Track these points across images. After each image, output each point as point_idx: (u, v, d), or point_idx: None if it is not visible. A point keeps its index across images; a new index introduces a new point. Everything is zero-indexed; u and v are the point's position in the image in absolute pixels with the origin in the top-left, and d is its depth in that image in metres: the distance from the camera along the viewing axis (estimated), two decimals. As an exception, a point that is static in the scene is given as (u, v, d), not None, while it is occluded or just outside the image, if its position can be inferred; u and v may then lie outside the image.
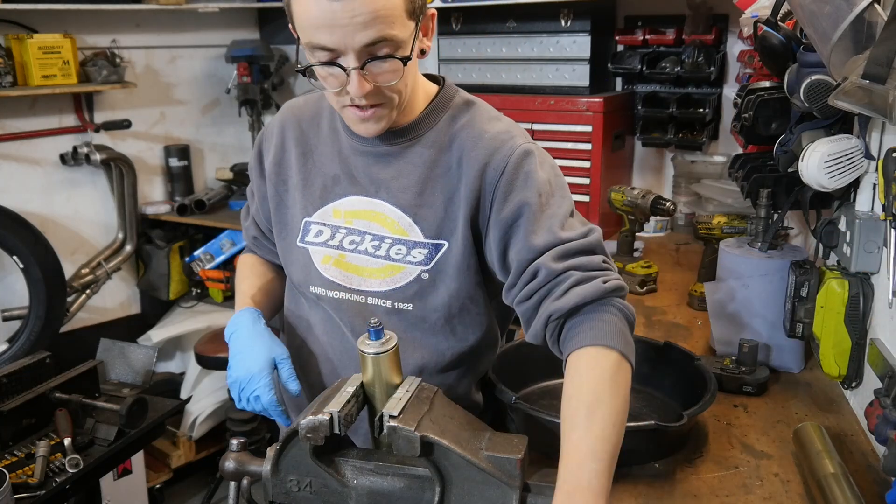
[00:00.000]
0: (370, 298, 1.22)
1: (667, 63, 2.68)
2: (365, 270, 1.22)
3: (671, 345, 1.51)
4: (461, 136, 1.17)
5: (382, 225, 1.20)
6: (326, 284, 1.25)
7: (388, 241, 1.20)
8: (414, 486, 0.99)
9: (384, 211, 1.19)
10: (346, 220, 1.22)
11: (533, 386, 1.49)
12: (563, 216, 1.13)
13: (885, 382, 1.17)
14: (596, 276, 1.10)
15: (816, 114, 1.41)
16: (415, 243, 1.18)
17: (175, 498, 3.28)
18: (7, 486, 1.56)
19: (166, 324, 3.37)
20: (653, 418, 1.23)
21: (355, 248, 1.22)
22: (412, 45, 1.07)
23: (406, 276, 1.19)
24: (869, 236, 1.30)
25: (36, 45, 2.79)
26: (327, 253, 1.24)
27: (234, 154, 3.77)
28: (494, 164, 1.14)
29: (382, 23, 1.00)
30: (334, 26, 0.99)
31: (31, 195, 3.02)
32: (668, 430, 1.22)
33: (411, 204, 1.18)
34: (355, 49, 1.02)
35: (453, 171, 1.17)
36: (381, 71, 1.05)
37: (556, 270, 1.09)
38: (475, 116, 1.20)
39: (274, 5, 3.59)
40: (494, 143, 1.15)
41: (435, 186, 1.17)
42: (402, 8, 1.02)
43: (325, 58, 1.04)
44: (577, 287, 1.08)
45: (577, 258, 1.11)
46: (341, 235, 1.23)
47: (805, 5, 1.14)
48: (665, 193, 2.85)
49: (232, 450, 1.06)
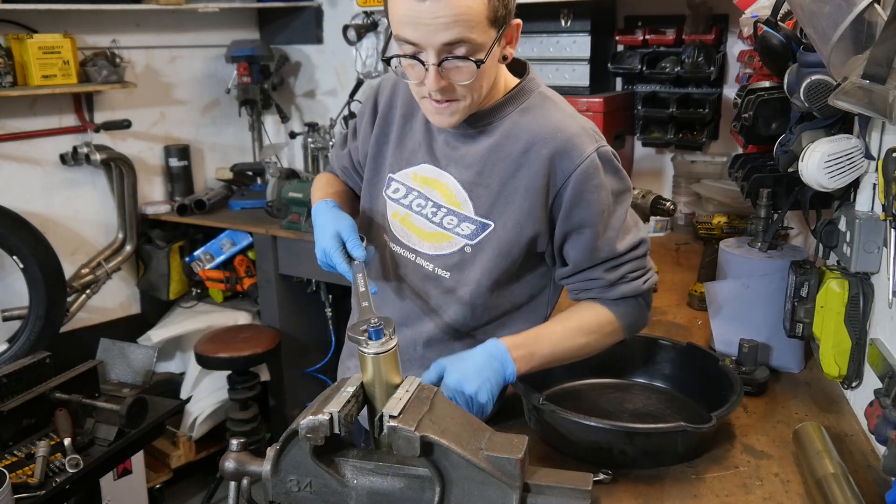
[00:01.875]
0: (419, 258, 1.34)
1: (667, 63, 2.68)
2: (421, 232, 1.34)
3: (694, 346, 1.51)
4: (531, 128, 1.26)
5: (443, 195, 1.32)
6: (391, 237, 1.38)
7: (444, 210, 1.31)
8: (414, 486, 0.99)
9: (447, 182, 1.31)
10: (420, 183, 1.34)
11: (556, 387, 1.49)
12: (619, 228, 1.27)
13: (885, 382, 1.17)
14: (639, 275, 1.30)
15: (816, 114, 1.41)
16: (465, 217, 1.29)
17: (175, 498, 3.28)
18: (7, 486, 1.56)
19: (166, 324, 3.37)
20: (678, 420, 1.24)
21: (420, 210, 1.34)
22: (490, 50, 1.15)
23: (452, 245, 1.31)
24: (869, 236, 1.30)
25: (36, 45, 2.79)
26: (397, 209, 1.37)
27: (234, 154, 3.77)
28: (563, 166, 1.23)
29: (462, 26, 1.10)
30: (418, 24, 1.10)
31: (31, 195, 3.02)
32: (696, 431, 1.21)
33: (469, 181, 1.29)
34: (435, 47, 1.12)
35: (516, 160, 1.25)
36: (457, 70, 1.15)
37: (610, 280, 1.29)
38: (549, 111, 1.28)
39: (274, 5, 3.59)
40: (565, 145, 1.23)
41: (493, 170, 1.27)
42: (483, 15, 1.11)
43: (408, 51, 1.15)
44: (623, 286, 1.29)
45: (628, 265, 1.29)
46: (412, 197, 1.35)
47: (805, 5, 1.14)
48: (665, 193, 2.85)
49: (232, 450, 1.06)
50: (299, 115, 3.80)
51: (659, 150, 2.92)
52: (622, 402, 1.45)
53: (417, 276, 1.35)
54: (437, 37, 1.10)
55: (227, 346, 2.99)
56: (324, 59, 3.66)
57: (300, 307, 3.30)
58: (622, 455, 1.23)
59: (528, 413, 1.36)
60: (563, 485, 0.97)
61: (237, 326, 3.24)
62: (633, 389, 1.51)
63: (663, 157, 2.92)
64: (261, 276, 3.24)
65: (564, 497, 0.96)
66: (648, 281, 1.31)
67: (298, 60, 3.74)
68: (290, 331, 3.26)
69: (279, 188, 3.19)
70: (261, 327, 3.24)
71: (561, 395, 1.48)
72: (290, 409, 3.31)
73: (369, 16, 3.24)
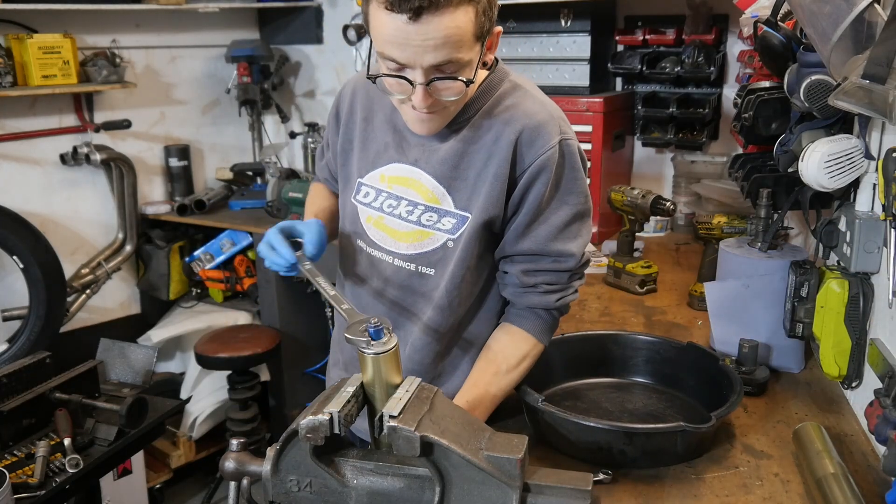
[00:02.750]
0: (397, 260, 1.32)
1: (667, 63, 2.68)
2: (397, 233, 1.32)
3: (694, 346, 1.51)
4: (503, 116, 1.25)
5: (418, 192, 1.29)
6: (367, 241, 1.36)
7: (420, 208, 1.29)
8: (414, 486, 0.99)
9: (421, 179, 1.29)
10: (388, 184, 1.32)
11: (556, 387, 1.49)
12: (557, 227, 1.26)
13: (885, 382, 1.17)
14: (555, 290, 1.29)
15: (816, 114, 1.41)
16: (445, 212, 1.28)
17: (175, 498, 3.28)
18: (7, 486, 1.56)
19: (166, 324, 3.37)
20: (678, 420, 1.24)
21: (392, 210, 1.31)
22: (476, 66, 1.15)
23: (434, 241, 1.29)
24: (869, 236, 1.30)
25: (36, 45, 2.79)
26: (370, 213, 1.35)
27: (234, 154, 3.77)
28: (527, 154, 1.22)
29: (451, 47, 1.08)
30: (406, 45, 1.07)
31: (31, 195, 3.02)
32: (696, 431, 1.21)
33: (447, 176, 1.27)
34: (423, 67, 1.09)
35: (489, 149, 1.24)
36: (445, 88, 1.14)
37: (523, 283, 1.29)
38: (519, 99, 1.26)
39: (274, 5, 3.59)
40: (531, 134, 1.22)
41: (470, 161, 1.26)
42: (471, 33, 1.10)
43: (394, 69, 1.12)
44: (534, 296, 1.29)
45: (548, 275, 1.28)
46: (382, 198, 1.33)
47: (805, 5, 1.14)
48: (665, 193, 2.85)
49: (232, 450, 1.06)
50: (299, 115, 3.80)
51: (659, 150, 2.92)
52: (622, 401, 1.46)
53: (398, 278, 1.33)
54: (425, 58, 1.08)
55: (227, 346, 2.99)
56: (324, 59, 3.66)
57: (300, 307, 3.30)
58: (622, 455, 1.23)
59: (527, 413, 1.37)
60: (563, 485, 0.96)
61: (237, 326, 3.25)
62: (633, 389, 1.51)
63: (663, 157, 2.92)
64: (261, 276, 3.24)
65: (564, 497, 0.96)
66: (562, 300, 1.30)
67: (298, 60, 3.74)
68: (290, 331, 3.26)
69: (279, 188, 3.19)
70: (261, 327, 3.24)
71: (561, 394, 1.48)
72: (290, 409, 3.31)
73: (369, 16, 3.24)
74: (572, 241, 1.27)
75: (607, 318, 1.96)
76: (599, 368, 1.54)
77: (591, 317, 1.96)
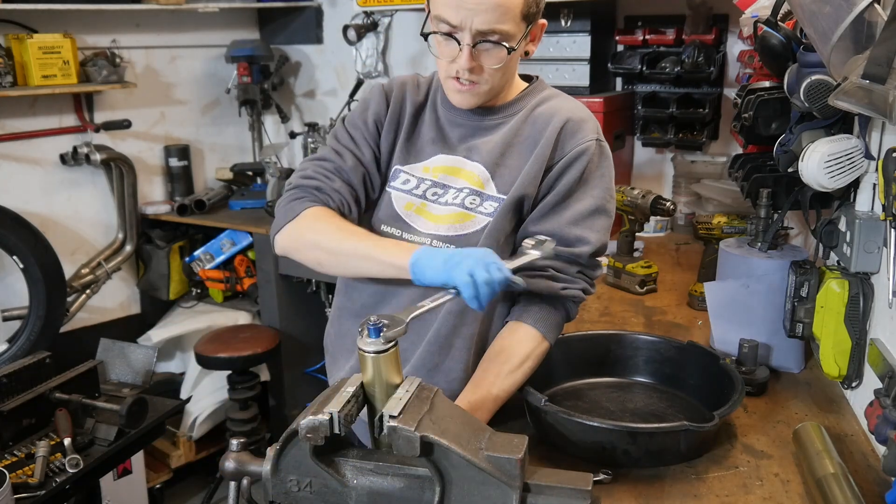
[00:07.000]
0: (435, 241, 1.34)
1: (667, 63, 2.68)
2: (437, 217, 1.35)
3: (695, 345, 1.51)
4: (547, 113, 1.34)
5: (463, 178, 1.36)
6: (403, 226, 1.37)
7: (465, 192, 1.35)
8: (414, 486, 0.99)
9: (465, 166, 1.36)
10: (433, 174, 1.38)
11: (557, 386, 1.49)
12: (581, 213, 1.30)
13: (885, 382, 1.17)
14: (563, 279, 1.31)
15: (816, 114, 1.41)
16: (488, 196, 1.34)
17: (175, 498, 3.28)
18: (7, 486, 1.56)
19: (166, 324, 3.37)
20: (680, 419, 1.24)
21: (436, 199, 1.36)
22: (519, 41, 1.26)
23: (475, 224, 1.33)
24: (869, 236, 1.30)
25: (36, 45, 2.79)
26: (410, 200, 1.38)
27: (234, 154, 3.77)
28: (568, 143, 1.31)
29: (500, 14, 1.21)
30: (460, 7, 1.20)
31: (31, 195, 3.02)
32: (699, 431, 1.21)
33: (493, 162, 1.34)
34: (472, 30, 1.21)
35: (534, 137, 1.33)
36: (488, 54, 1.25)
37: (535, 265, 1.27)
38: (562, 101, 1.38)
39: (274, 5, 3.59)
40: (574, 126, 1.32)
41: (513, 150, 1.34)
42: (519, 9, 1.23)
43: (445, 30, 1.24)
44: (541, 281, 1.30)
45: (558, 262, 1.30)
46: (426, 186, 1.38)
47: (805, 5, 1.14)
48: (665, 193, 2.85)
49: (232, 450, 1.06)
50: (299, 115, 3.80)
51: (659, 150, 2.92)
52: (623, 401, 1.46)
53: None
54: (475, 21, 1.20)
55: (227, 346, 2.99)
56: (324, 59, 3.66)
57: (300, 307, 3.30)
58: (625, 455, 1.23)
59: (530, 413, 1.37)
60: (564, 485, 0.96)
61: (237, 326, 3.25)
62: (634, 388, 1.51)
63: (663, 157, 2.92)
64: (261, 276, 3.24)
65: (564, 497, 0.96)
66: (567, 290, 1.31)
67: (298, 60, 3.74)
68: (290, 331, 3.26)
69: (279, 188, 3.19)
70: (261, 327, 3.24)
71: (562, 394, 1.48)
72: (290, 409, 3.31)
73: (369, 16, 3.25)
74: (590, 230, 1.31)
75: (607, 319, 1.96)
76: (600, 368, 1.54)
77: (591, 317, 1.96)
